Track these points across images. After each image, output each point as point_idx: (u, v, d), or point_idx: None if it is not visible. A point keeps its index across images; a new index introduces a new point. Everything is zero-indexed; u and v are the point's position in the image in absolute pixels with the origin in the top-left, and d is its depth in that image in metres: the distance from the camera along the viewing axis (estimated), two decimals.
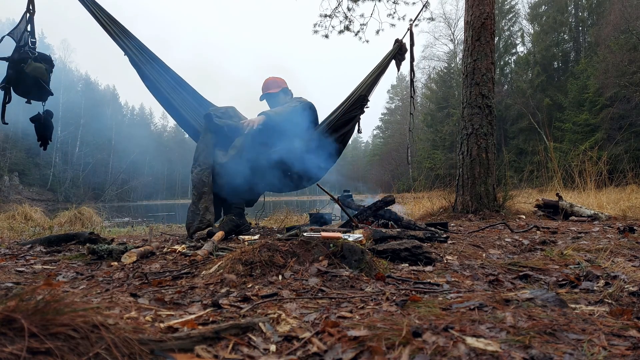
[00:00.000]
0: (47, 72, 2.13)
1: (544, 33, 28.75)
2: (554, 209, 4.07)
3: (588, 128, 21.39)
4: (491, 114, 4.25)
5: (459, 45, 32.45)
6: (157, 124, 68.33)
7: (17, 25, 2.10)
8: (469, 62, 4.33)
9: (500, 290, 1.21)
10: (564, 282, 1.29)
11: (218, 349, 0.71)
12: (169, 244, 2.24)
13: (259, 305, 1.00)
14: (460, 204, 4.19)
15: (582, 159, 5.55)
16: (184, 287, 1.20)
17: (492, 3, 4.36)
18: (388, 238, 1.94)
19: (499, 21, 29.96)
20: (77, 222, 5.88)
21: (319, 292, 1.14)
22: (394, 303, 1.00)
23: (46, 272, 1.53)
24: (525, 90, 27.35)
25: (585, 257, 1.66)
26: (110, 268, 1.59)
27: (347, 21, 7.60)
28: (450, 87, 34.10)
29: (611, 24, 19.96)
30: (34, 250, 2.05)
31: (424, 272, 1.45)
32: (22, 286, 1.25)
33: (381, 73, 3.40)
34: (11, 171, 33.67)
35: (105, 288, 1.24)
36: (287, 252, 1.42)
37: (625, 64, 18.15)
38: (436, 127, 33.85)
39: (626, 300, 1.04)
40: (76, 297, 1.01)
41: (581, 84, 22.95)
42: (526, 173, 6.78)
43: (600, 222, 3.33)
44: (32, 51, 2.09)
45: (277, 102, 3.10)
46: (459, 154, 4.40)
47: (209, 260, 1.61)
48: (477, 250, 1.92)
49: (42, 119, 2.15)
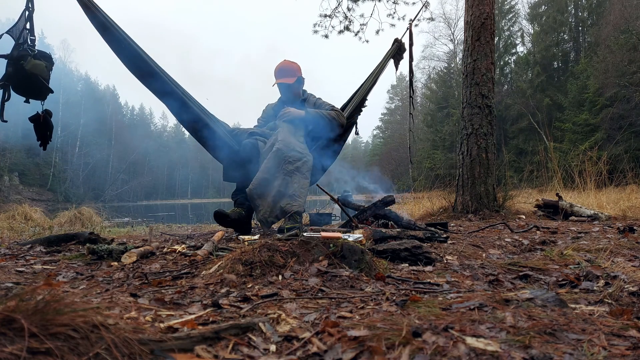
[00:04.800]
0: (47, 70, 2.12)
1: (543, 33, 28.75)
2: (554, 209, 4.07)
3: (588, 128, 21.39)
4: (491, 114, 4.25)
5: (459, 45, 32.45)
6: (157, 124, 68.40)
7: (16, 23, 2.09)
8: (469, 62, 4.33)
9: (500, 290, 1.21)
10: (564, 282, 1.29)
11: (218, 349, 0.71)
12: (169, 244, 2.23)
13: (259, 305, 1.00)
14: (460, 204, 4.20)
15: (582, 159, 5.55)
16: (184, 287, 1.20)
17: (492, 3, 4.36)
18: (388, 238, 1.94)
19: (499, 21, 29.96)
20: (77, 222, 5.88)
21: (319, 292, 1.14)
22: (394, 303, 1.00)
23: (46, 272, 1.52)
24: (525, 90, 27.36)
25: (585, 257, 1.66)
26: (110, 268, 1.59)
27: (347, 21, 7.61)
28: (450, 87, 34.11)
29: (611, 24, 19.96)
30: (34, 251, 2.05)
31: (424, 272, 1.45)
32: (22, 286, 1.25)
33: (380, 72, 3.40)
34: (11, 171, 33.68)
35: (105, 288, 1.24)
36: (287, 252, 1.42)
37: (625, 64, 18.15)
38: (436, 127, 33.85)
39: (626, 300, 1.04)
40: (76, 297, 1.01)
41: (581, 84, 22.95)
42: (526, 173, 6.79)
43: (600, 222, 3.33)
44: (32, 49, 2.08)
45: (291, 92, 2.96)
46: (459, 154, 4.40)
47: (209, 260, 1.61)
48: (477, 250, 1.92)
49: (41, 118, 2.14)
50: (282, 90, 3.01)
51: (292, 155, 2.54)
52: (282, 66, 2.95)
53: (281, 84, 2.94)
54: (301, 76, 2.99)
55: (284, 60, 3.00)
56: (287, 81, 2.90)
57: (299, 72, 2.98)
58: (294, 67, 2.96)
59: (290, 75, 2.92)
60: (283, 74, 2.93)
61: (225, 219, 2.61)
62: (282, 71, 2.94)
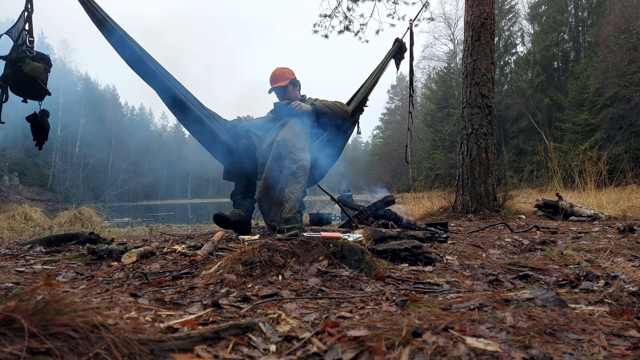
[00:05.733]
0: (45, 72, 2.12)
1: (544, 33, 28.75)
2: (554, 209, 4.07)
3: (588, 128, 21.38)
4: (491, 114, 4.25)
5: (459, 45, 32.45)
6: (157, 124, 68.41)
7: (15, 24, 2.09)
8: (469, 62, 4.33)
9: (500, 290, 1.21)
10: (564, 282, 1.29)
11: (218, 349, 0.71)
12: (169, 244, 2.23)
13: (259, 305, 1.00)
14: (460, 204, 4.19)
15: (582, 159, 5.55)
16: (184, 287, 1.20)
17: (492, 3, 4.36)
18: (388, 238, 1.94)
19: (499, 21, 29.96)
20: (77, 222, 5.88)
21: (319, 292, 1.14)
22: (394, 303, 1.00)
23: (46, 272, 1.52)
24: (525, 90, 27.36)
25: (585, 257, 1.66)
26: (110, 268, 1.59)
27: (347, 21, 7.61)
28: (450, 87, 34.12)
29: (611, 23, 19.95)
30: (33, 251, 2.05)
31: (424, 272, 1.45)
32: (22, 286, 1.25)
33: (381, 72, 3.41)
34: (11, 171, 33.67)
35: (105, 288, 1.24)
36: (287, 252, 1.42)
37: (625, 64, 18.14)
38: (436, 127, 33.86)
39: (626, 300, 1.04)
40: (76, 297, 1.01)
41: (581, 84, 22.94)
42: (526, 173, 6.78)
43: (600, 222, 3.33)
44: (30, 50, 2.08)
45: (286, 94, 3.02)
46: (459, 154, 4.40)
47: (208, 260, 1.61)
48: (477, 250, 1.92)
49: (38, 118, 2.14)
50: (278, 94, 3.09)
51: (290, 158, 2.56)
52: (275, 73, 3.05)
53: (276, 88, 3.02)
54: (295, 78, 3.07)
55: (276, 68, 3.10)
56: (280, 84, 2.99)
57: (292, 75, 3.07)
58: (285, 71, 3.06)
59: (283, 79, 3.01)
60: (276, 79, 3.02)
61: (225, 222, 2.64)
62: (275, 77, 3.04)
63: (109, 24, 2.40)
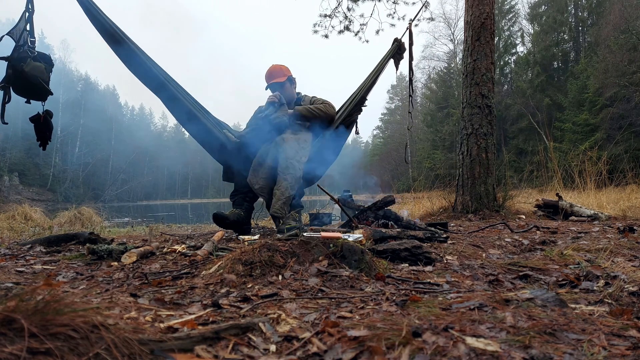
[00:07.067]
0: (47, 72, 2.12)
1: (543, 33, 28.74)
2: (554, 209, 4.07)
3: (588, 128, 21.37)
4: (491, 114, 4.25)
5: (459, 45, 32.45)
6: (157, 124, 68.40)
7: (16, 25, 2.10)
8: (468, 62, 4.33)
9: (500, 290, 1.21)
10: (564, 282, 1.29)
11: (218, 349, 0.71)
12: (169, 244, 2.23)
13: (259, 305, 1.00)
14: (460, 204, 4.19)
15: (582, 159, 5.55)
16: (184, 287, 1.20)
17: (492, 3, 4.36)
18: (388, 238, 1.94)
19: (499, 21, 29.96)
20: (77, 222, 5.88)
21: (319, 292, 1.14)
22: (394, 303, 1.00)
23: (46, 272, 1.52)
24: (525, 90, 27.34)
25: (585, 257, 1.66)
26: (110, 268, 1.59)
27: (347, 21, 7.61)
28: (450, 87, 34.10)
29: (611, 23, 19.94)
30: (33, 251, 2.05)
31: (424, 272, 1.45)
32: (22, 286, 1.25)
33: (379, 72, 3.40)
34: (11, 171, 33.68)
35: (105, 288, 1.24)
36: (287, 252, 1.42)
37: (625, 64, 18.13)
38: (436, 127, 33.84)
39: (626, 300, 1.04)
40: (76, 297, 1.01)
41: (581, 84, 22.93)
42: (526, 173, 6.78)
43: (600, 222, 3.33)
44: (32, 50, 2.09)
45: (284, 91, 3.03)
46: (459, 154, 4.40)
47: (208, 260, 1.61)
48: (477, 250, 1.92)
49: (41, 118, 2.15)
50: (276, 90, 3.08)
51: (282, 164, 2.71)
52: (272, 70, 3.06)
53: (273, 84, 3.03)
54: (291, 76, 3.09)
55: (273, 65, 3.10)
56: (278, 80, 3.01)
57: (288, 72, 3.09)
58: (282, 68, 3.08)
59: (280, 76, 3.03)
60: (274, 76, 3.04)
61: (225, 221, 2.65)
62: (272, 74, 3.05)
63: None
